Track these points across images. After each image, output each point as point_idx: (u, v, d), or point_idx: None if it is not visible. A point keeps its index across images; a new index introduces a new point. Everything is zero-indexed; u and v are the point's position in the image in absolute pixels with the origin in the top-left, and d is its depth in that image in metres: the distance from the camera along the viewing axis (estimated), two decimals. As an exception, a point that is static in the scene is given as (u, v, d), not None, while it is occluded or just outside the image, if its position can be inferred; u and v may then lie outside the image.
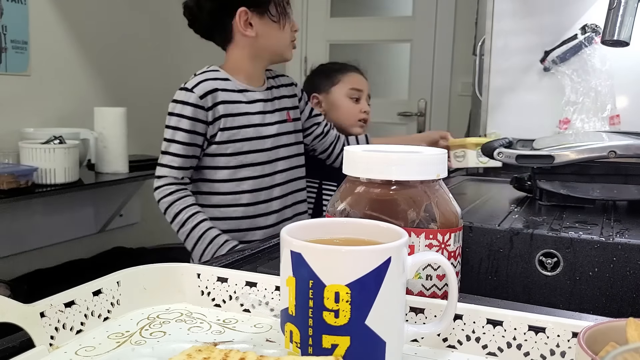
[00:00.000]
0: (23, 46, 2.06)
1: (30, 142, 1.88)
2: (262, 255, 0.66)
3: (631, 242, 0.70)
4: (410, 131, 3.35)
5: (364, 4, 3.79)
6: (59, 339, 0.42)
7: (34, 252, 2.11)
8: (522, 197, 1.00)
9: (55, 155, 1.85)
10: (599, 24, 1.45)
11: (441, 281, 0.47)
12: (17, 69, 2.05)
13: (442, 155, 0.47)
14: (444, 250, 0.46)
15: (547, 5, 1.56)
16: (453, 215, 0.48)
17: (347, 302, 0.35)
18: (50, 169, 1.85)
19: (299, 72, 3.57)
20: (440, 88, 3.25)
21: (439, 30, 3.20)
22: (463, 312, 0.43)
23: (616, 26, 0.79)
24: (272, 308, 0.49)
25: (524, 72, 1.61)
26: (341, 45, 3.54)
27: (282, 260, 0.38)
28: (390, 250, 0.36)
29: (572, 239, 0.73)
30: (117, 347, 0.42)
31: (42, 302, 0.42)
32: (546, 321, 0.41)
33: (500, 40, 1.62)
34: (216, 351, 0.35)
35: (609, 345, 0.34)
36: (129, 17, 2.51)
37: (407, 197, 0.47)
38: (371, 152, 0.47)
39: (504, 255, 0.77)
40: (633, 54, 1.44)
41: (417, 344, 0.44)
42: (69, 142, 1.91)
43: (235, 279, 0.50)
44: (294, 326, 0.37)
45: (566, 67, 1.51)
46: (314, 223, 0.42)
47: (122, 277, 0.49)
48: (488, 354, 0.43)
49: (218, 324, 0.47)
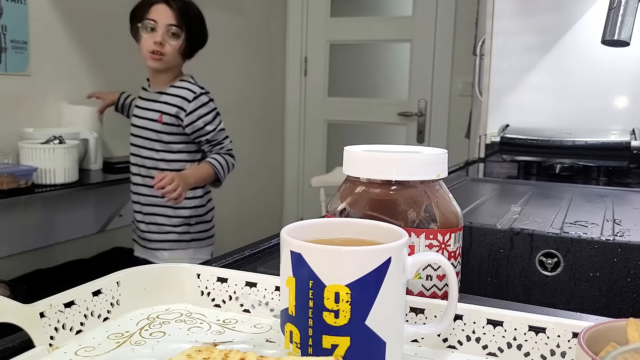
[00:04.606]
0: (23, 46, 2.06)
1: (30, 142, 1.88)
2: (262, 256, 0.66)
3: (631, 242, 0.70)
4: (411, 131, 3.36)
5: (364, 4, 3.80)
6: (59, 339, 0.42)
7: (34, 252, 2.11)
8: (522, 196, 1.00)
9: (55, 155, 1.85)
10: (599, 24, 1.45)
11: (441, 281, 0.47)
12: (16, 69, 2.04)
13: (442, 155, 0.47)
14: (444, 251, 0.46)
15: (547, 5, 1.56)
16: (453, 216, 0.47)
17: (347, 302, 0.35)
18: (50, 169, 1.85)
19: (299, 72, 3.57)
20: (440, 88, 3.25)
21: (439, 30, 3.20)
22: (463, 313, 0.43)
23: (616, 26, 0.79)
24: (272, 308, 0.49)
25: (524, 72, 1.61)
26: (341, 45, 3.54)
27: (282, 261, 0.38)
28: (390, 251, 0.36)
29: (572, 239, 0.73)
30: (116, 347, 0.42)
31: (42, 303, 0.42)
32: (546, 321, 0.41)
33: (500, 40, 1.62)
34: (216, 351, 0.35)
35: (609, 346, 0.34)
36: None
37: (407, 197, 0.47)
38: (371, 152, 0.47)
39: (504, 256, 0.77)
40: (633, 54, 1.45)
41: (417, 344, 0.44)
42: (69, 142, 1.91)
43: (235, 279, 0.50)
44: (294, 326, 0.37)
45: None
46: (314, 223, 0.42)
47: (121, 277, 0.49)
48: (488, 354, 0.42)
49: (218, 324, 0.47)
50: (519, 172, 1.41)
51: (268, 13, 3.46)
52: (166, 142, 1.75)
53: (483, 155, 1.62)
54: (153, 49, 1.68)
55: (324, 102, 3.55)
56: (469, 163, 1.56)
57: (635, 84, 1.49)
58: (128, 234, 2.37)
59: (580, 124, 1.52)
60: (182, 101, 1.72)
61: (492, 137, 1.42)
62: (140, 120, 1.77)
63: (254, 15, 3.32)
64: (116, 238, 2.43)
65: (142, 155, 1.77)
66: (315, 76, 3.55)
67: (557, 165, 1.32)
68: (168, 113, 1.73)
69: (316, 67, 3.53)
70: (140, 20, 1.69)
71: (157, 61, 1.70)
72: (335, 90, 3.54)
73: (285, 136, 3.66)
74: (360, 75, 3.70)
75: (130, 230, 1.96)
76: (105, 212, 2.38)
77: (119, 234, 2.45)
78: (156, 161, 1.78)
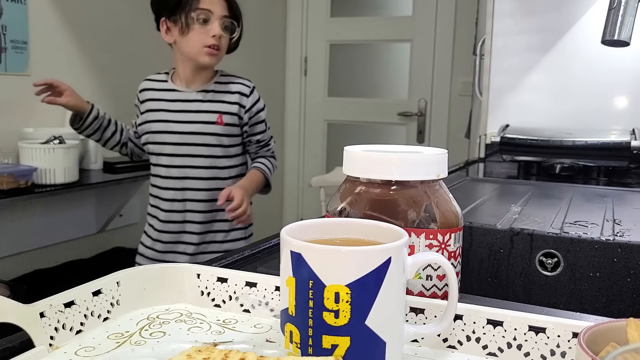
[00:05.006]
0: (23, 46, 2.06)
1: (30, 142, 1.88)
2: (262, 256, 0.66)
3: (631, 242, 0.70)
4: (410, 131, 3.36)
5: (364, 4, 3.80)
6: (59, 339, 0.42)
7: (34, 252, 2.11)
8: (522, 196, 1.00)
9: (55, 155, 1.85)
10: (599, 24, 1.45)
11: (441, 281, 0.47)
12: (16, 69, 2.04)
13: (442, 156, 0.47)
14: (444, 251, 0.46)
15: (547, 5, 1.56)
16: (453, 215, 0.47)
17: (347, 302, 0.35)
18: (50, 169, 1.85)
19: (299, 72, 3.57)
20: (440, 88, 3.25)
21: (439, 30, 3.20)
22: (463, 313, 0.43)
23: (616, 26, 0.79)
24: (272, 308, 0.49)
25: (524, 72, 1.61)
26: (341, 45, 3.54)
27: (282, 261, 0.38)
28: (390, 251, 0.36)
29: (572, 239, 0.73)
30: (116, 347, 0.42)
31: (42, 302, 0.42)
32: (546, 321, 0.41)
33: (500, 40, 1.62)
34: (216, 351, 0.35)
35: (609, 346, 0.34)
36: (130, 17, 2.51)
37: (407, 197, 0.47)
38: (371, 152, 0.47)
39: (504, 256, 0.77)
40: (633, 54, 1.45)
41: (417, 344, 0.44)
42: (69, 142, 1.91)
43: (235, 279, 0.50)
44: (294, 326, 0.37)
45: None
46: (314, 223, 0.42)
47: (121, 277, 0.49)
48: (488, 354, 0.42)
49: (218, 324, 0.47)
50: (519, 172, 1.41)
51: (268, 13, 3.46)
52: (226, 146, 1.53)
53: (483, 155, 1.62)
54: (211, 43, 1.46)
55: (324, 102, 3.55)
56: (469, 163, 1.56)
57: (635, 84, 1.49)
58: (128, 234, 2.36)
59: (580, 123, 1.52)
60: (240, 97, 1.53)
61: (492, 137, 1.42)
62: (187, 126, 1.51)
63: (254, 16, 3.32)
64: (116, 238, 2.43)
65: (195, 166, 1.51)
66: (315, 76, 3.55)
67: (557, 165, 1.32)
68: (228, 112, 1.52)
69: (316, 67, 3.53)
70: (188, 11, 1.45)
71: (214, 57, 1.49)
72: (335, 90, 3.54)
73: (285, 136, 3.66)
74: (360, 75, 3.70)
75: (130, 230, 1.96)
76: (105, 212, 2.38)
77: (119, 234, 2.45)
78: (217, 170, 1.54)
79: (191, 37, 1.47)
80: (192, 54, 1.48)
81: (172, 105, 1.53)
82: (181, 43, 1.49)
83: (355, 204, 0.47)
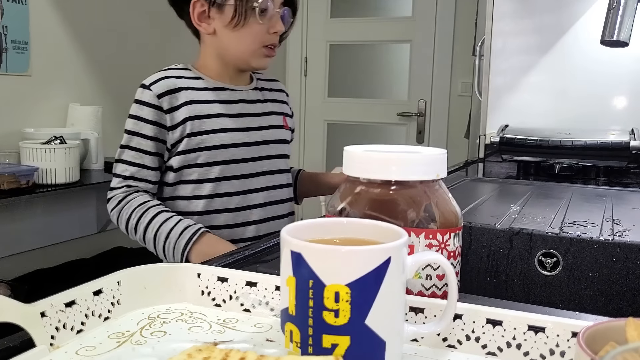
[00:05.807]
0: (24, 46, 2.06)
1: (30, 142, 1.88)
2: (262, 255, 0.66)
3: (631, 242, 0.70)
4: (410, 131, 3.36)
5: (364, 4, 3.80)
6: (60, 339, 0.42)
7: (35, 252, 2.11)
8: (521, 196, 1.00)
9: (56, 155, 1.85)
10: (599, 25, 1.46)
11: (441, 281, 0.47)
12: (17, 69, 2.05)
13: (442, 156, 0.48)
14: (443, 250, 0.47)
15: (547, 5, 1.56)
16: (453, 215, 0.48)
17: (347, 302, 0.35)
18: (50, 169, 1.85)
19: (299, 73, 3.57)
20: (440, 88, 3.25)
21: (439, 30, 3.20)
22: (463, 312, 0.43)
23: (615, 27, 0.79)
24: (272, 308, 0.49)
25: (523, 72, 1.61)
26: (341, 45, 3.54)
27: (282, 260, 0.38)
28: (390, 250, 0.36)
29: (571, 239, 0.73)
30: (117, 346, 0.43)
31: (43, 302, 0.42)
32: (546, 321, 0.41)
33: (499, 41, 1.62)
34: (216, 351, 0.35)
35: (608, 345, 0.34)
36: (130, 17, 2.51)
37: (407, 197, 0.47)
38: (371, 152, 0.47)
39: (504, 255, 0.77)
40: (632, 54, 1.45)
41: (417, 343, 0.44)
42: (70, 142, 1.91)
43: (236, 279, 0.50)
44: (294, 326, 0.37)
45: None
46: (314, 223, 0.42)
47: (122, 277, 0.49)
48: (488, 353, 0.43)
49: (218, 323, 0.47)
50: (518, 172, 1.41)
51: (268, 13, 3.46)
52: (288, 153, 1.25)
53: (482, 155, 1.63)
54: (272, 41, 1.11)
55: (324, 102, 3.55)
56: (469, 163, 1.56)
57: (634, 85, 1.49)
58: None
59: (580, 124, 1.52)
60: (285, 96, 1.28)
61: (492, 137, 1.42)
62: (258, 133, 1.15)
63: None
64: (117, 238, 2.43)
65: (267, 171, 1.16)
66: (315, 76, 3.55)
67: (557, 165, 1.32)
68: (286, 114, 1.24)
69: (316, 67, 3.53)
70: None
71: (271, 58, 1.14)
72: (335, 91, 3.54)
73: (285, 136, 3.66)
74: (360, 75, 3.70)
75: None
76: (106, 212, 2.38)
77: (119, 234, 2.45)
78: (286, 175, 1.23)
79: (246, 32, 1.08)
80: (246, 54, 1.11)
81: (231, 108, 1.12)
82: (228, 38, 1.10)
83: (355, 204, 0.48)
